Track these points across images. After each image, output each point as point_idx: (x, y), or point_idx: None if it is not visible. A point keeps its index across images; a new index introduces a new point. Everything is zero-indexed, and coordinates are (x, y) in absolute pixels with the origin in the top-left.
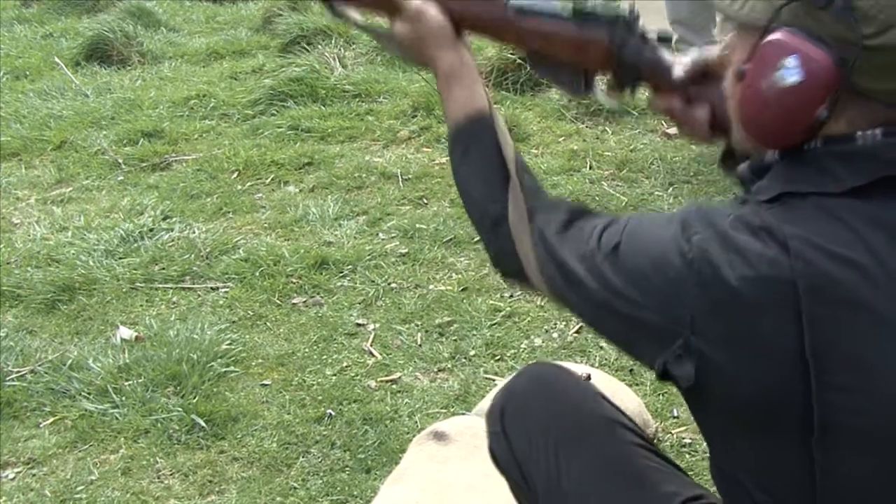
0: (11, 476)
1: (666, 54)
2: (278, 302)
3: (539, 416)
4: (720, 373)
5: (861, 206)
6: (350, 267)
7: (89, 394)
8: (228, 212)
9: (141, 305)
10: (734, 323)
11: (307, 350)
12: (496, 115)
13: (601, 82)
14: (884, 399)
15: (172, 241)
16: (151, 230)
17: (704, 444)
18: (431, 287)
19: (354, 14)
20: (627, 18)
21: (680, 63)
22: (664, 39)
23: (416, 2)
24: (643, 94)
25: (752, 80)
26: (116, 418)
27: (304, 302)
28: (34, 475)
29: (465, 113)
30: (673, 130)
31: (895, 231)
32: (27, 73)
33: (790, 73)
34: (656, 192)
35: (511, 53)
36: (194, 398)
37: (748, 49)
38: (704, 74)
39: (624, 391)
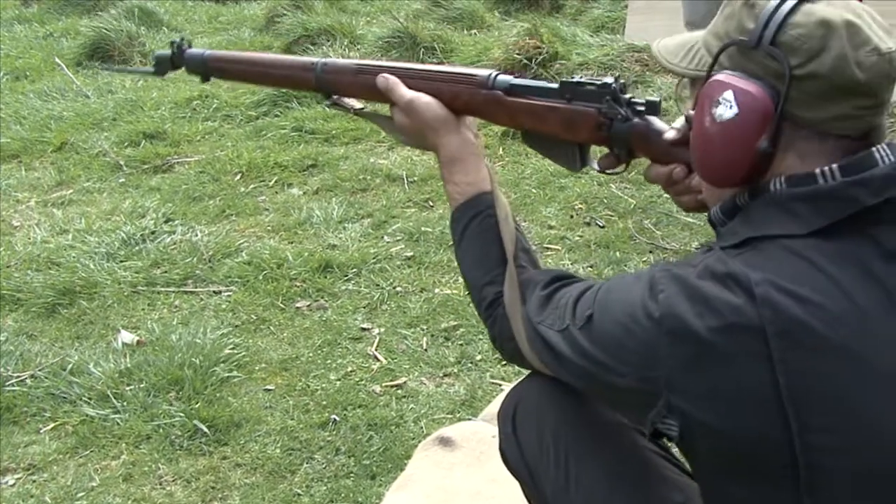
0: (11, 482)
1: (657, 121)
2: (282, 306)
3: (551, 419)
4: (703, 427)
5: (828, 245)
6: (354, 270)
7: (90, 399)
8: (231, 214)
9: (142, 309)
10: (708, 376)
11: (311, 354)
12: (498, 195)
13: (596, 155)
14: (867, 436)
15: (174, 243)
16: (153, 233)
17: None
18: (437, 291)
19: (353, 102)
20: (614, 88)
21: (672, 129)
22: (653, 105)
23: (407, 94)
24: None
25: (697, 121)
26: (118, 424)
27: (308, 306)
28: (34, 481)
29: (466, 197)
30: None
31: (865, 266)
32: (27, 73)
33: (726, 107)
34: (665, 195)
35: (517, 54)
36: (196, 403)
37: (695, 97)
38: None
39: None
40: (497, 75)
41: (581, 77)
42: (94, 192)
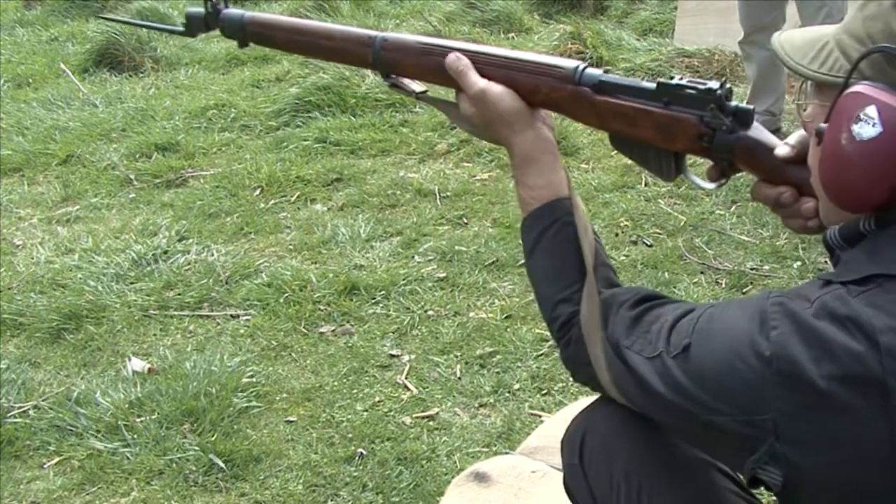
0: None
1: (765, 134)
2: (304, 331)
3: (622, 453)
4: (810, 478)
5: None
6: (383, 293)
7: (98, 431)
8: (250, 232)
9: (154, 335)
10: (821, 426)
11: (336, 383)
12: (576, 202)
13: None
14: None
15: (189, 264)
16: (166, 252)
17: None
18: (472, 315)
19: (414, 85)
20: (719, 95)
21: (786, 144)
22: (749, 114)
23: (478, 83)
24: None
25: (830, 137)
26: (127, 458)
27: (333, 331)
28: None
29: (540, 202)
30: None
31: None
32: (30, 80)
33: (868, 124)
34: (717, 211)
35: (560, 54)
36: (213, 436)
37: (826, 109)
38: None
39: None
40: (585, 68)
41: (681, 78)
42: (102, 208)
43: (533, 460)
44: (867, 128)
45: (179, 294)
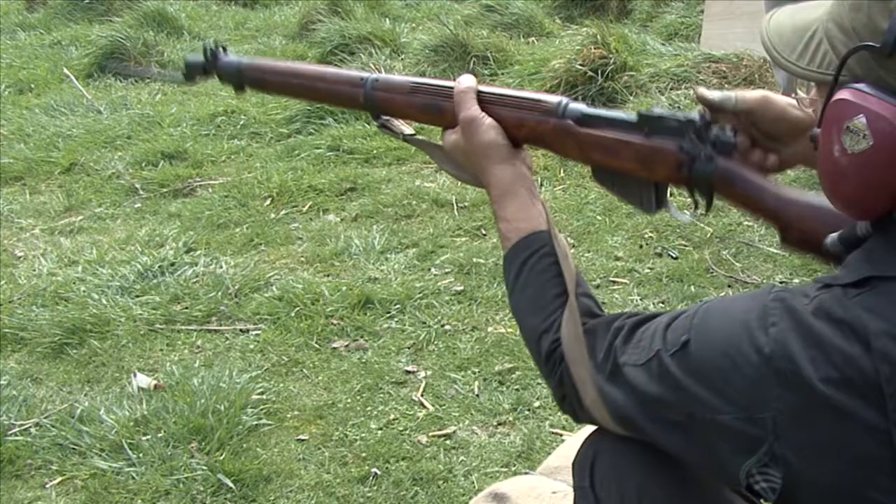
0: None
1: (745, 165)
2: (317, 346)
3: (634, 475)
4: (807, 483)
5: None
6: (398, 307)
7: (102, 450)
8: (260, 244)
9: (160, 350)
10: (818, 428)
11: (349, 401)
12: (554, 233)
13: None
14: None
15: (196, 276)
16: (173, 264)
17: None
18: (490, 329)
19: (403, 126)
20: (698, 125)
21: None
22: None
23: (474, 111)
24: None
25: (824, 148)
26: (133, 478)
27: (346, 346)
28: None
29: (519, 235)
30: None
31: None
32: (32, 86)
33: (858, 136)
34: (745, 223)
35: (581, 65)
36: (221, 455)
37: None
38: None
39: None
40: (568, 103)
41: (663, 110)
42: (107, 218)
43: (554, 481)
44: (858, 140)
45: (187, 308)
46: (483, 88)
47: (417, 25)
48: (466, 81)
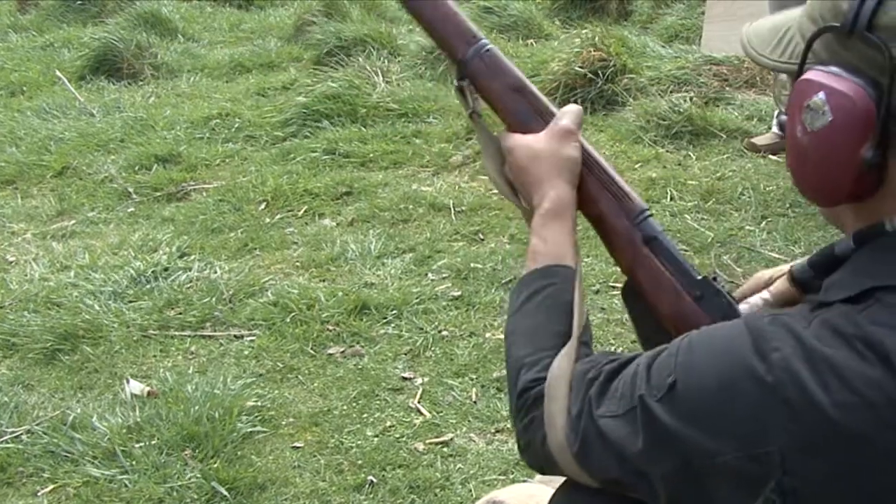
0: None
1: None
2: (312, 352)
3: None
4: None
5: None
6: (395, 312)
7: (94, 457)
8: (255, 248)
9: (154, 356)
10: (833, 458)
11: (345, 407)
12: (580, 277)
13: None
14: None
15: (190, 282)
16: (166, 270)
17: None
18: (488, 335)
19: (475, 103)
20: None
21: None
22: None
23: (572, 125)
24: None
25: (789, 131)
26: (126, 485)
27: (342, 352)
28: None
29: (548, 261)
30: (759, 140)
31: None
32: (24, 88)
33: (817, 114)
34: (747, 227)
35: (580, 67)
36: (215, 462)
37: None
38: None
39: None
40: (649, 215)
41: (725, 286)
42: (100, 222)
43: (552, 488)
44: (817, 117)
45: (180, 313)
46: (584, 143)
47: (414, 27)
48: (578, 108)
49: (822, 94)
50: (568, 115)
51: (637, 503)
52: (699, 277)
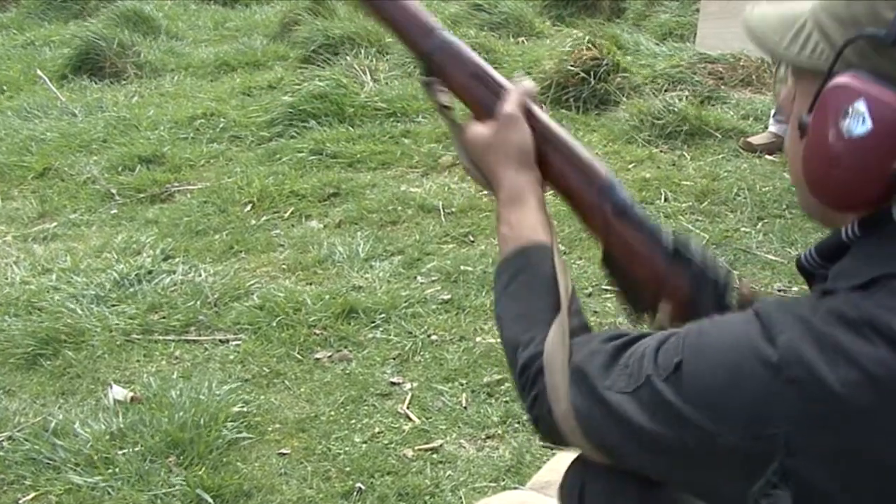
0: None
1: None
2: (299, 357)
3: (630, 502)
4: (823, 496)
5: None
6: (383, 316)
7: (77, 464)
8: (240, 251)
9: (137, 361)
10: (839, 436)
11: (333, 413)
12: (556, 248)
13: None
14: None
15: (174, 285)
16: (150, 273)
17: None
18: (478, 339)
19: (444, 97)
20: (720, 284)
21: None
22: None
23: (514, 109)
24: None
25: (816, 133)
26: (108, 493)
27: (329, 357)
28: None
29: (519, 244)
30: (755, 139)
31: None
32: (4, 88)
33: (857, 121)
34: (742, 228)
35: (573, 66)
36: (200, 470)
37: (809, 98)
38: None
39: None
40: (615, 185)
41: (698, 248)
42: (82, 225)
43: (544, 496)
44: (857, 124)
45: (164, 317)
46: (539, 113)
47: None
48: (527, 85)
49: (863, 102)
50: (510, 99)
51: (644, 481)
52: (671, 243)
